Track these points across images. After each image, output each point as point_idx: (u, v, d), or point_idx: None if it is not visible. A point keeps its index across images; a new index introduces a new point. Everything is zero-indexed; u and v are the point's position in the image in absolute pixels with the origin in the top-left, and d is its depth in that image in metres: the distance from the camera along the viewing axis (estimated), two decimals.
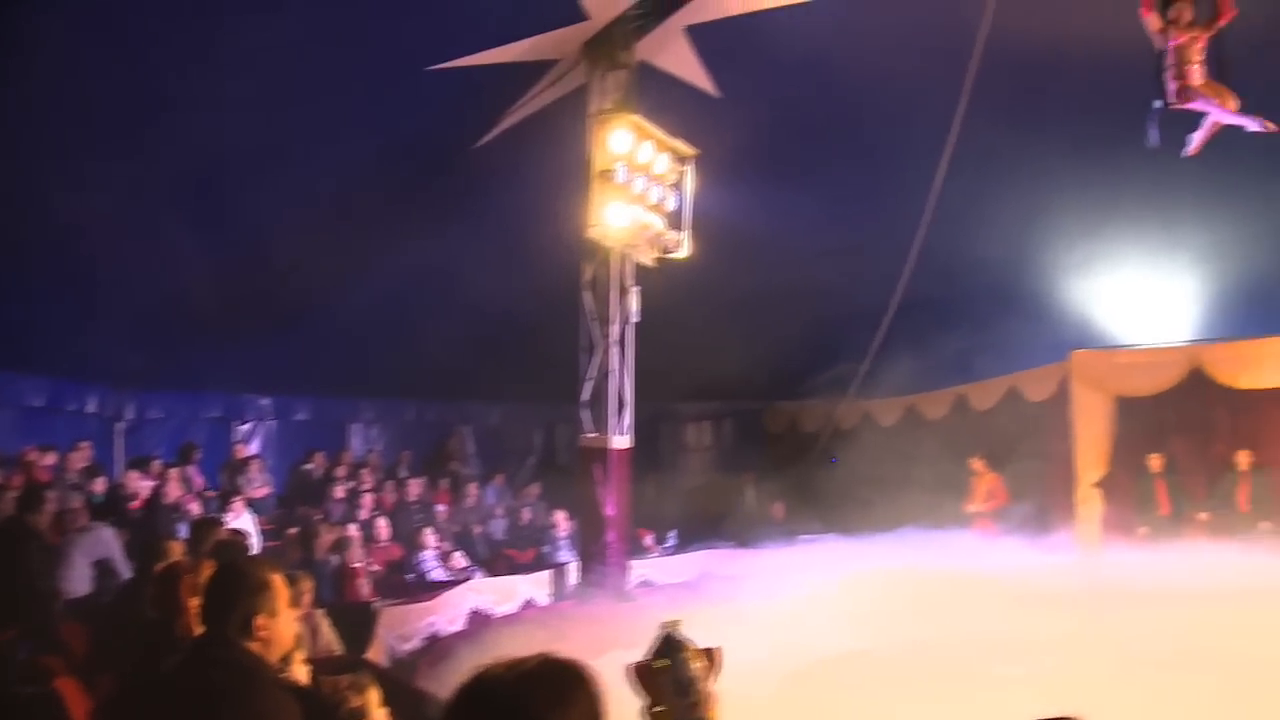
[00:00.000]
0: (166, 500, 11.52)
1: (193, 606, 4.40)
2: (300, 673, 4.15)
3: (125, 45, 9.26)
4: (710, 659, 2.74)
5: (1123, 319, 15.93)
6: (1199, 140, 9.23)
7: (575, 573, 12.87)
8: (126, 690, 4.46)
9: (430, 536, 13.11)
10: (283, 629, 3.60)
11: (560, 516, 14.50)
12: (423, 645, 10.63)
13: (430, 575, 12.74)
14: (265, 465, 14.14)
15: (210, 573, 3.89)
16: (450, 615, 11.29)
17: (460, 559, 13.41)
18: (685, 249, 12.34)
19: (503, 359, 14.11)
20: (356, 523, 12.71)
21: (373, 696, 4.10)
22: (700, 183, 12.40)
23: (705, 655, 2.74)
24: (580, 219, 11.78)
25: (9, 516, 9.44)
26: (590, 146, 11.73)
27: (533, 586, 12.73)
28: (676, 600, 11.83)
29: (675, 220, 12.32)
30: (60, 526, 9.79)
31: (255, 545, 10.86)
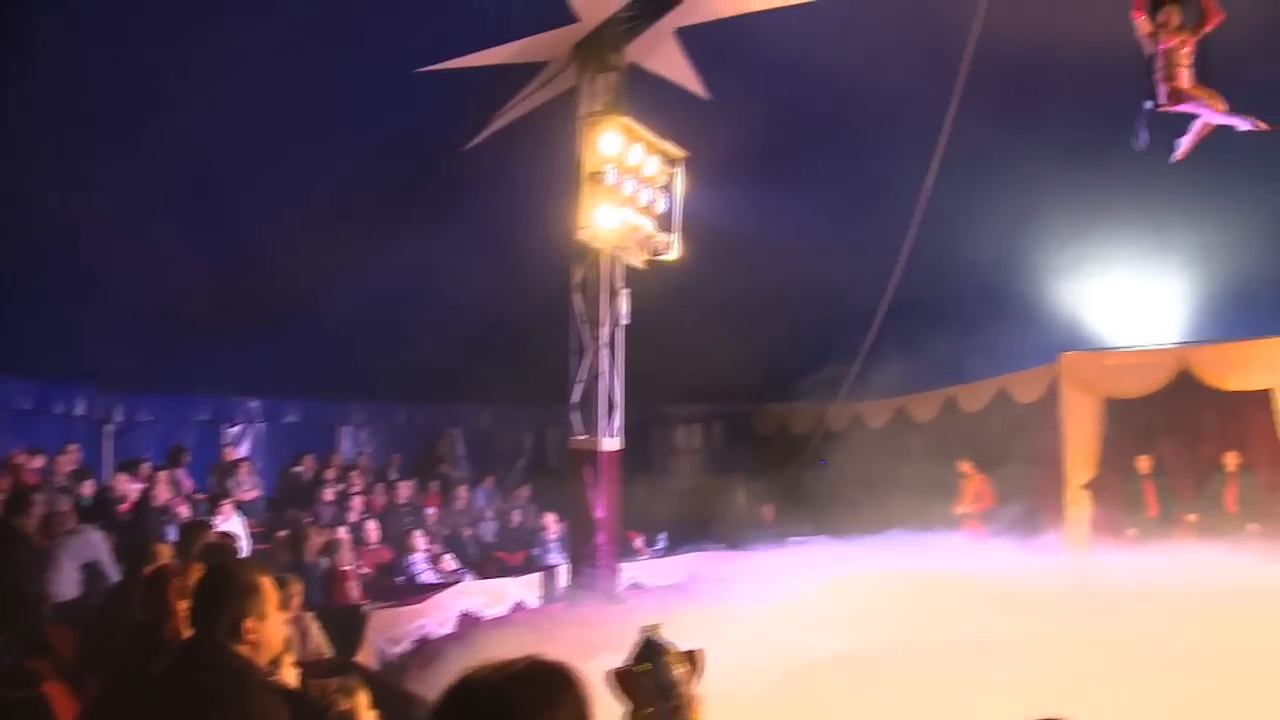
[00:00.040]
0: (155, 503, 11.48)
1: (181, 609, 4.39)
2: (289, 676, 4.14)
3: (118, 46, 9.23)
4: (692, 662, 2.74)
5: (1112, 321, 15.97)
6: (1186, 145, 9.31)
7: (565, 575, 12.88)
8: (114, 694, 4.44)
9: (420, 539, 13.09)
10: (272, 632, 3.59)
11: (550, 519, 14.49)
12: (413, 648, 10.63)
13: (420, 578, 12.72)
14: (254, 468, 14.08)
15: (199, 576, 3.88)
16: (440, 618, 11.29)
17: (450, 561, 13.40)
18: (675, 251, 12.35)
19: (493, 361, 14.09)
20: (346, 525, 12.68)
21: (362, 699, 4.10)
22: (690, 185, 12.41)
23: (687, 658, 2.74)
24: (570, 221, 11.78)
25: None
26: (580, 149, 11.73)
27: (523, 589, 12.73)
28: (666, 602, 11.85)
29: (665, 222, 12.32)
30: (48, 529, 9.77)
31: (245, 548, 10.82)
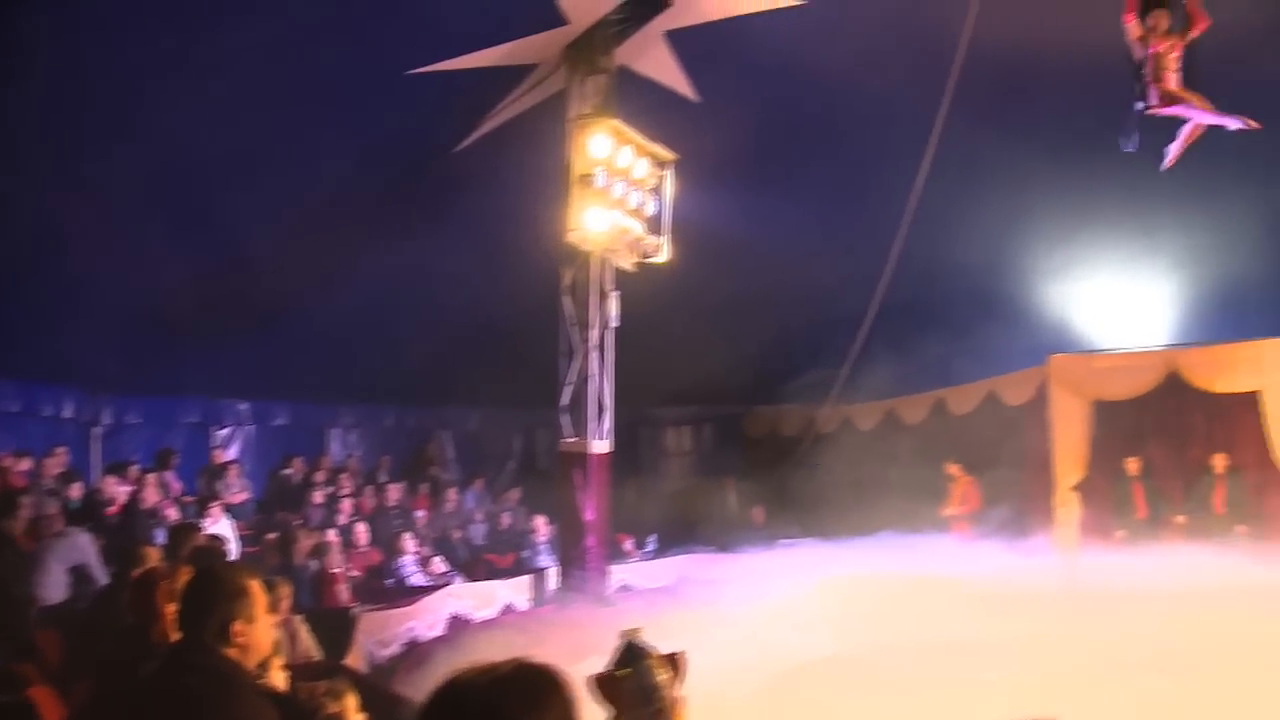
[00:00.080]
0: (144, 506, 11.46)
1: (170, 613, 4.38)
2: (278, 679, 4.13)
3: (107, 46, 9.19)
4: (674, 665, 2.73)
5: (1100, 323, 16.01)
6: (1175, 152, 9.38)
7: (555, 578, 12.86)
8: (102, 697, 4.43)
9: (409, 542, 13.08)
10: (260, 635, 3.59)
11: (540, 521, 14.47)
12: (402, 651, 10.61)
13: (409, 580, 12.70)
14: (243, 470, 14.07)
15: (187, 578, 3.87)
16: (429, 620, 11.27)
17: (440, 564, 13.38)
18: (665, 254, 12.34)
19: (482, 363, 14.07)
20: (335, 528, 12.67)
21: (350, 702, 4.10)
22: (680, 187, 12.41)
23: (668, 661, 2.73)
24: (560, 224, 11.78)
25: None
26: (570, 151, 11.72)
27: (512, 591, 12.70)
28: (656, 605, 11.83)
29: (655, 225, 12.31)
30: (35, 532, 9.74)
31: (233, 551, 10.82)
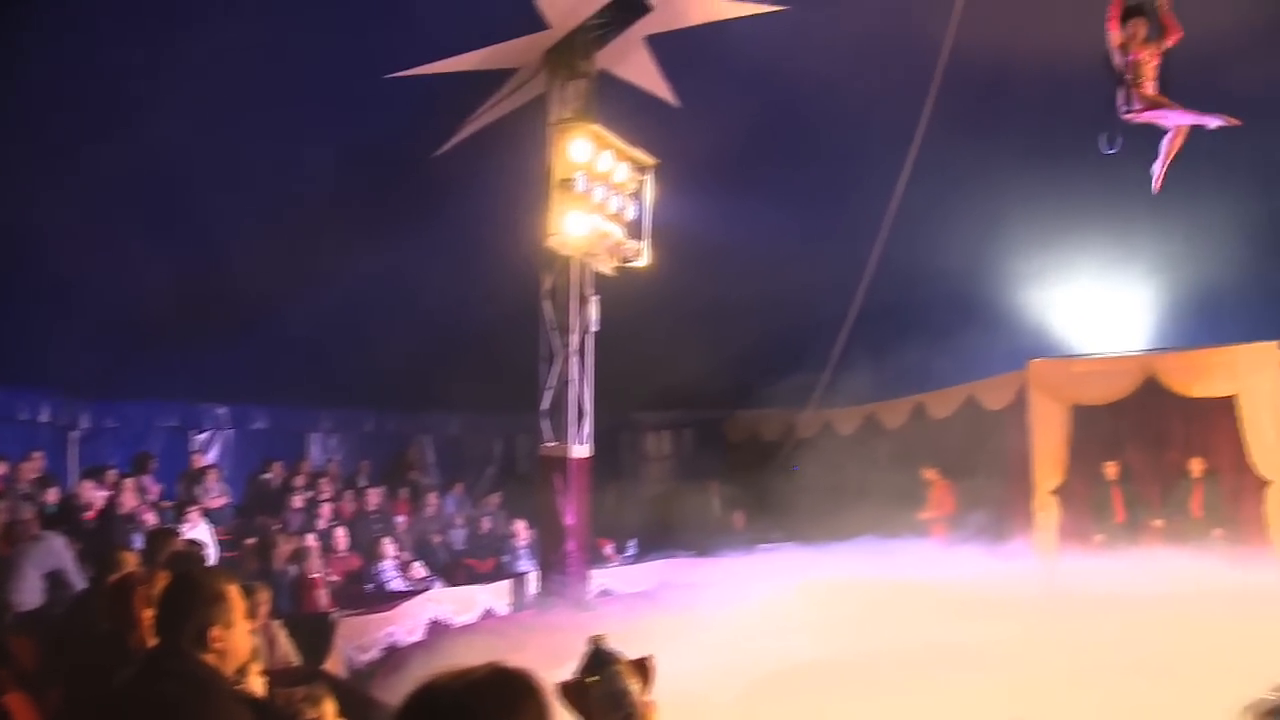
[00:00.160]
0: (121, 510, 11.37)
1: (147, 618, 4.36)
2: (256, 684, 4.12)
3: (85, 49, 9.14)
4: (642, 670, 2.72)
5: (1079, 328, 16.10)
6: (1159, 172, 9.55)
7: (535, 582, 12.85)
8: (77, 704, 4.41)
9: (389, 546, 13.05)
10: (238, 640, 3.57)
11: (520, 526, 14.46)
12: (381, 656, 10.60)
13: (389, 585, 12.67)
14: (222, 475, 13.99)
15: (165, 584, 3.85)
16: (409, 625, 11.26)
17: (419, 569, 13.35)
18: (645, 258, 12.34)
19: (462, 368, 14.02)
20: (315, 533, 12.63)
21: (328, 708, 4.08)
22: (660, 192, 12.41)
23: (637, 667, 2.72)
24: (540, 228, 11.77)
25: None
26: (550, 155, 11.71)
27: (492, 596, 12.69)
28: (636, 609, 11.84)
29: (635, 229, 12.31)
30: (11, 537, 9.65)
31: (212, 556, 10.77)
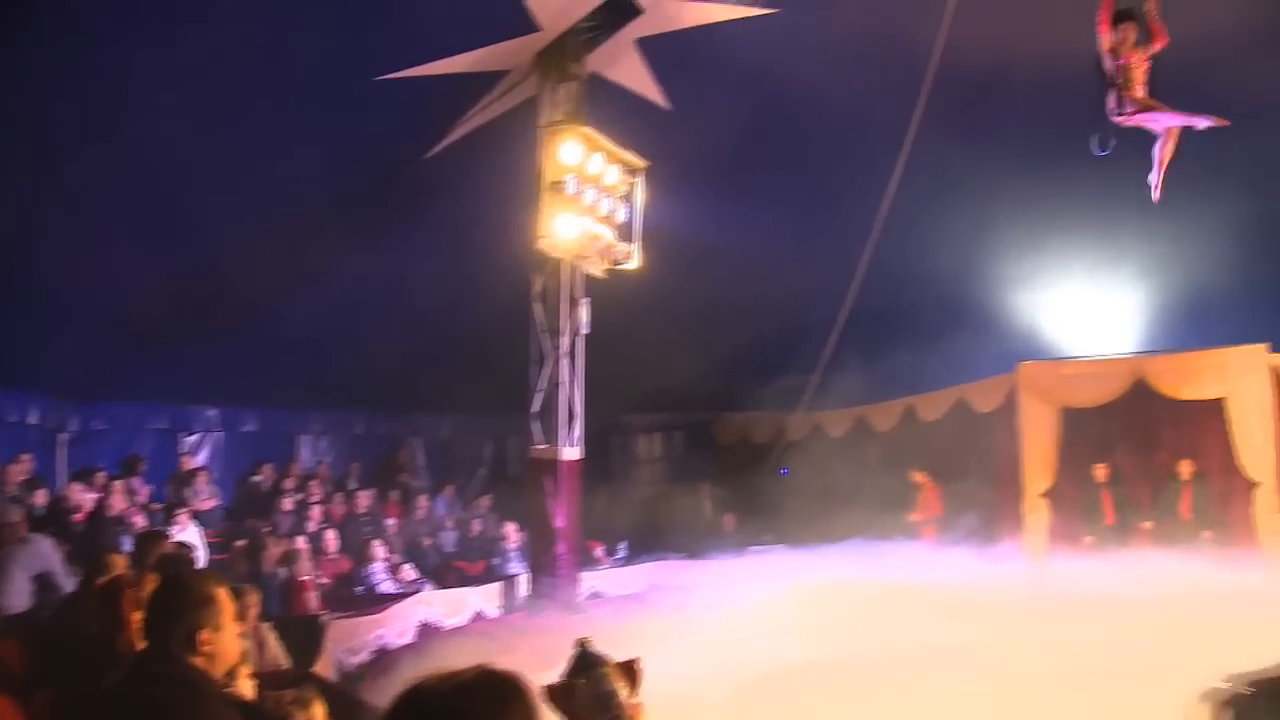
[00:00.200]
0: (110, 513, 11.34)
1: (135, 621, 4.34)
2: (245, 687, 4.10)
3: (73, 51, 9.11)
4: (629, 672, 2.72)
5: (1069, 331, 16.14)
6: (1157, 181, 9.60)
7: (525, 585, 12.83)
8: (65, 707, 4.39)
9: (379, 549, 13.02)
10: (227, 643, 3.57)
11: (510, 528, 14.45)
12: (371, 658, 10.57)
13: (379, 588, 12.65)
14: (212, 477, 13.96)
15: (154, 586, 3.84)
16: (399, 628, 11.23)
17: (409, 571, 13.33)
18: (635, 261, 12.35)
19: (453, 370, 14.02)
20: (305, 535, 12.60)
21: (318, 711, 4.06)
22: (651, 194, 12.42)
23: (625, 668, 2.72)
24: (530, 230, 11.76)
25: None
26: (541, 158, 11.71)
27: (483, 599, 12.68)
28: (626, 612, 11.84)
29: (626, 232, 12.32)
30: None
31: (202, 558, 10.74)
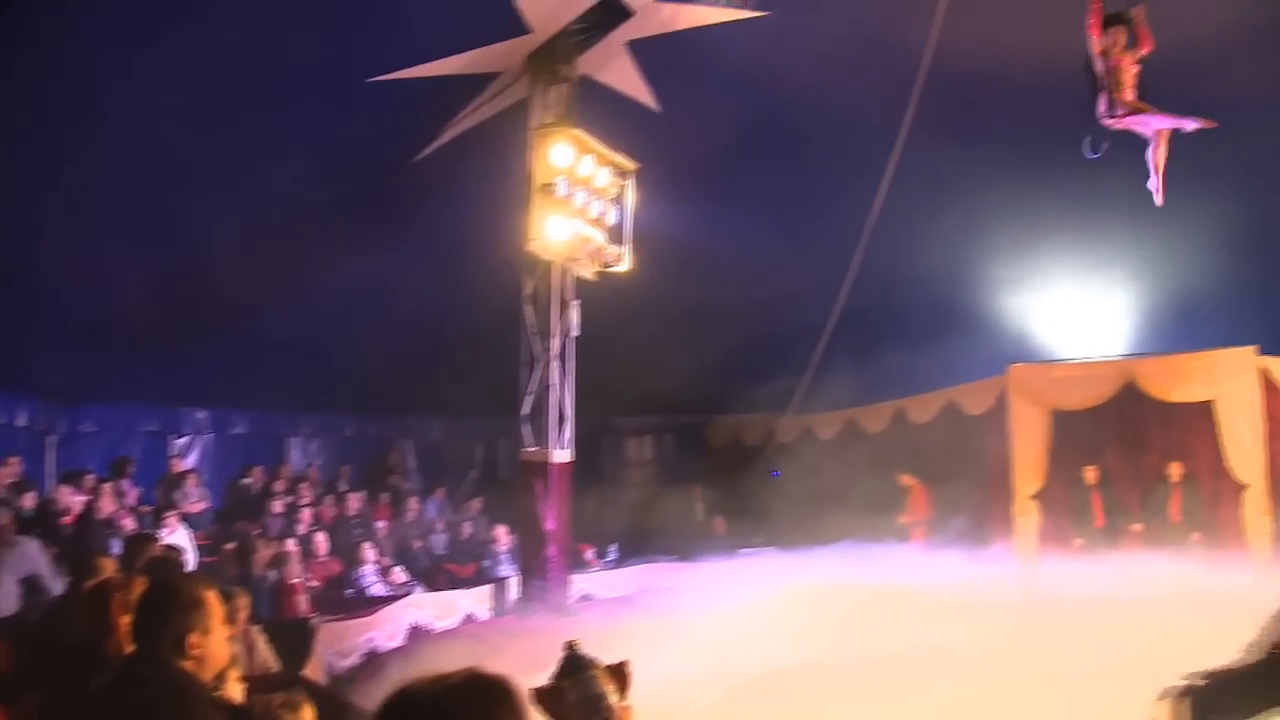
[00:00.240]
0: (99, 515, 11.30)
1: (124, 624, 4.32)
2: (235, 691, 4.09)
3: (63, 52, 9.10)
4: (619, 675, 2.72)
5: (1059, 333, 16.17)
6: (1157, 184, 9.62)
7: (516, 587, 12.84)
8: (53, 711, 4.37)
9: (370, 551, 12.99)
10: (216, 647, 3.55)
11: (501, 531, 14.42)
12: (362, 661, 10.56)
13: (369, 590, 12.62)
14: (202, 479, 13.89)
15: (142, 589, 3.83)
16: (390, 631, 11.22)
17: (400, 574, 13.30)
18: (626, 263, 12.34)
19: (443, 373, 14.01)
20: (295, 538, 12.57)
21: (307, 714, 4.05)
22: (641, 197, 12.41)
23: (614, 671, 2.72)
24: (521, 233, 11.75)
25: None
26: (531, 160, 11.70)
27: (473, 601, 12.68)
28: (617, 614, 11.83)
29: (616, 234, 12.32)
30: None
31: (191, 561, 10.71)
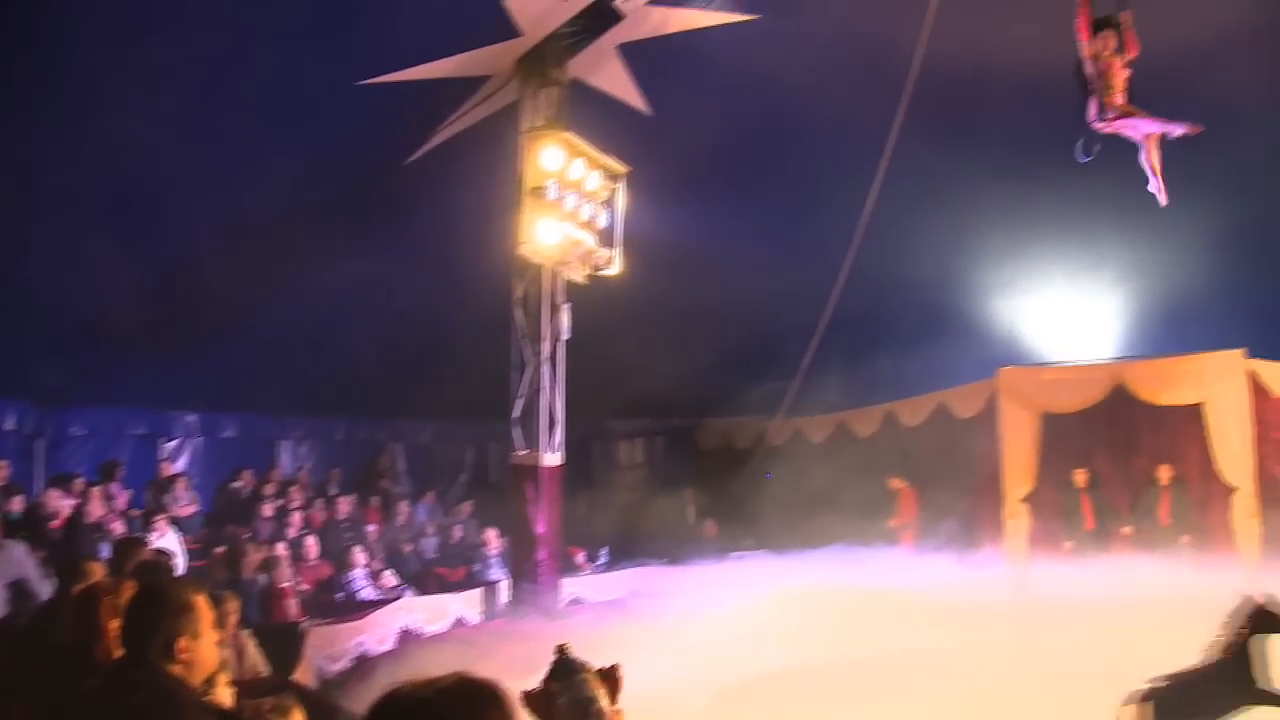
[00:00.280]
0: (88, 519, 11.26)
1: (112, 629, 4.30)
2: (224, 695, 4.08)
3: (50, 55, 9.08)
4: (610, 679, 2.72)
5: (1049, 337, 16.20)
6: (1159, 186, 9.62)
7: (506, 591, 12.81)
8: (42, 717, 4.35)
9: (360, 555, 12.96)
10: (205, 651, 3.54)
11: (491, 534, 14.40)
12: (352, 665, 10.53)
13: (360, 594, 12.59)
14: (191, 483, 13.84)
15: (131, 594, 3.81)
16: (380, 635, 11.19)
17: (390, 578, 13.27)
18: (616, 266, 12.34)
19: (434, 376, 13.99)
20: (285, 541, 12.53)
21: (297, 718, 4.05)
22: (632, 200, 12.42)
23: (605, 675, 2.72)
24: (511, 236, 11.75)
25: None
26: (522, 163, 11.71)
27: (464, 605, 12.65)
28: (607, 618, 11.81)
29: (606, 237, 12.32)
30: None
31: (181, 565, 10.67)
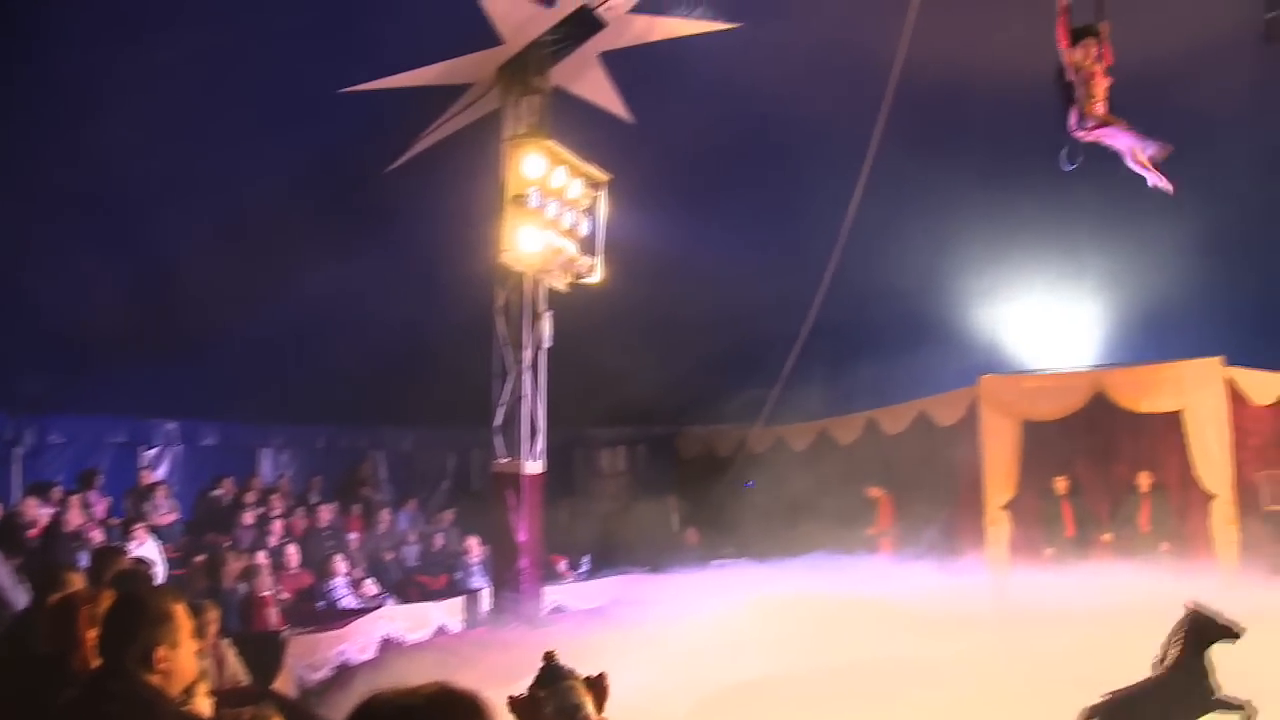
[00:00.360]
0: (67, 528, 11.19)
1: (90, 639, 4.28)
2: (203, 705, 4.06)
3: (31, 60, 9.05)
4: (596, 686, 2.73)
5: (1029, 345, 16.27)
6: (1159, 179, 9.64)
7: (488, 599, 12.80)
8: None
9: (341, 563, 12.94)
10: (184, 661, 3.53)
11: (473, 542, 14.39)
12: (333, 674, 10.51)
13: (341, 603, 12.57)
14: (171, 491, 13.78)
15: (109, 603, 3.80)
16: (361, 643, 11.17)
17: (371, 586, 13.25)
18: (598, 274, 12.35)
19: (415, 384, 13.97)
20: (265, 550, 12.51)
21: None
22: (613, 208, 12.43)
23: (592, 683, 2.73)
24: (493, 244, 11.75)
25: None
26: (504, 171, 11.71)
27: (445, 613, 12.62)
28: (589, 626, 11.80)
29: (588, 245, 12.32)
30: None
31: (160, 573, 10.63)
